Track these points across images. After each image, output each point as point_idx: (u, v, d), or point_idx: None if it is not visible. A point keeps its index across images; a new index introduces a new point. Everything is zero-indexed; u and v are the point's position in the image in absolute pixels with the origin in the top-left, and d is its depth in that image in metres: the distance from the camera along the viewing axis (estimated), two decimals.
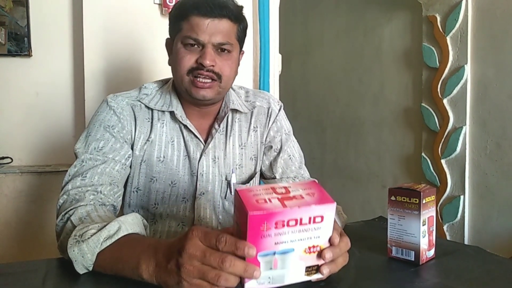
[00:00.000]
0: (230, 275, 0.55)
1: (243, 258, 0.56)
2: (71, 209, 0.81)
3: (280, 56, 2.01)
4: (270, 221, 0.54)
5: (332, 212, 0.58)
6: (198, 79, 0.92)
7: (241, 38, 0.99)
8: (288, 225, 0.56)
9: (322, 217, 0.58)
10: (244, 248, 0.54)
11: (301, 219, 0.56)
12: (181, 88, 0.97)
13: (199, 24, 0.90)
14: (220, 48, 0.93)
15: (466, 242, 2.10)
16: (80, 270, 0.69)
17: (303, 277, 0.62)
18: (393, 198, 0.78)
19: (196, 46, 0.92)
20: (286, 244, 0.57)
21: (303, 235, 0.58)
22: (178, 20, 0.94)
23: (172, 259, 0.58)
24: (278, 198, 0.57)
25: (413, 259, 0.76)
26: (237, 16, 0.95)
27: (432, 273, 0.74)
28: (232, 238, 0.55)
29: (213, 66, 0.92)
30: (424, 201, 0.75)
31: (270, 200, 0.56)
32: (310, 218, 0.57)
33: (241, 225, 0.56)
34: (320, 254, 0.61)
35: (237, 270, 0.55)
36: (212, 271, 0.55)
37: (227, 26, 0.93)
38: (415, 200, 0.75)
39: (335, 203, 0.58)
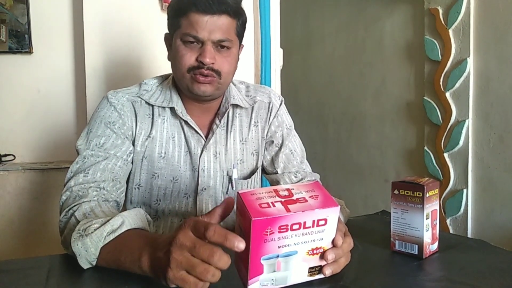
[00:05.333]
0: (216, 270, 0.54)
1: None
2: (74, 205, 0.82)
3: (281, 50, 2.00)
4: (273, 226, 0.54)
5: (335, 215, 0.58)
6: (199, 76, 0.92)
7: (240, 33, 0.98)
8: (291, 229, 0.55)
9: (325, 220, 0.58)
10: (233, 240, 0.53)
11: (304, 223, 0.56)
12: (181, 85, 0.96)
13: (198, 21, 0.89)
14: (220, 45, 0.92)
15: (469, 236, 2.09)
16: (84, 264, 0.69)
17: (306, 278, 0.62)
18: (396, 192, 0.77)
19: (195, 43, 0.91)
20: (289, 247, 0.57)
21: (307, 238, 0.58)
22: (176, 16, 0.93)
23: (164, 249, 0.58)
24: (281, 202, 0.56)
25: (416, 252, 0.76)
26: (236, 11, 0.93)
27: (436, 267, 0.74)
28: (221, 229, 0.54)
29: (213, 63, 0.91)
30: (427, 195, 0.75)
31: (273, 204, 0.56)
32: (313, 222, 0.57)
33: (244, 229, 0.56)
34: (323, 255, 0.61)
35: (224, 264, 0.54)
36: (201, 265, 0.54)
37: (226, 22, 0.92)
38: (419, 194, 0.75)
39: (339, 206, 0.58)
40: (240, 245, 0.53)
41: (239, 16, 0.95)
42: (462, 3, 2.05)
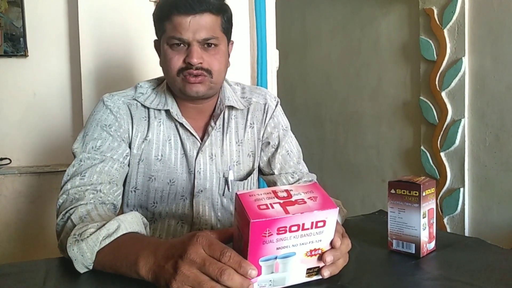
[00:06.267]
0: None
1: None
2: (71, 208, 0.81)
3: (277, 51, 2.00)
4: (272, 227, 0.54)
5: (334, 217, 0.58)
6: (189, 76, 0.92)
7: (226, 30, 0.97)
8: (290, 230, 0.55)
9: (324, 222, 0.57)
10: (247, 268, 0.54)
11: (303, 225, 0.56)
12: (174, 88, 0.96)
13: (181, 23, 0.89)
14: (206, 43, 0.92)
15: (466, 234, 2.10)
16: (80, 269, 0.69)
17: (304, 279, 0.62)
18: (393, 191, 0.78)
19: (181, 45, 0.91)
20: (287, 249, 0.57)
21: (305, 240, 0.58)
22: (160, 21, 0.93)
23: (171, 260, 0.58)
24: (280, 203, 0.56)
25: (413, 251, 0.76)
26: (218, 8, 0.93)
27: (433, 266, 0.74)
28: (237, 256, 0.55)
29: (201, 63, 0.91)
30: (424, 194, 0.75)
31: (272, 206, 0.55)
32: (312, 223, 0.57)
33: (243, 231, 0.56)
34: (321, 257, 0.61)
35: (234, 284, 0.54)
36: (209, 283, 0.54)
37: (209, 20, 0.91)
38: (415, 193, 0.75)
39: (337, 208, 0.58)
40: (252, 273, 0.55)
41: (223, 12, 0.95)
42: (457, 3, 2.06)
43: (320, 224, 0.57)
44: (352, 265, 0.69)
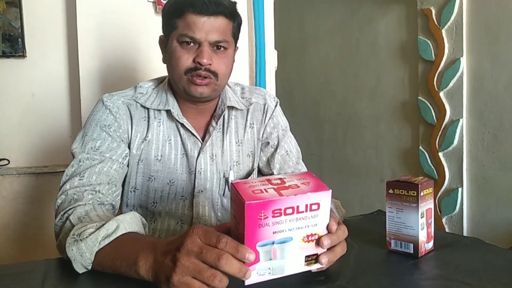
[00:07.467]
0: (224, 276, 0.55)
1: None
2: (69, 209, 0.81)
3: (275, 52, 2.00)
4: (267, 209, 0.55)
5: (328, 199, 0.60)
6: (196, 78, 0.92)
7: (236, 35, 0.99)
8: (285, 213, 0.57)
9: (318, 205, 0.59)
10: (244, 252, 0.54)
11: (297, 207, 0.57)
12: (178, 86, 0.96)
13: (196, 22, 0.90)
14: (216, 46, 0.93)
15: (464, 234, 2.10)
16: (79, 269, 0.69)
17: (303, 267, 0.62)
18: (391, 191, 0.78)
19: (192, 44, 0.92)
20: (284, 233, 0.58)
21: (301, 223, 0.59)
22: (173, 17, 0.93)
23: (169, 254, 0.58)
24: (274, 188, 0.58)
25: (412, 251, 0.76)
26: (232, 13, 0.94)
27: (431, 265, 0.74)
28: (233, 241, 0.55)
29: (210, 64, 0.91)
30: (422, 194, 0.75)
31: (266, 190, 0.57)
32: (306, 206, 0.58)
33: (239, 217, 0.57)
34: (318, 242, 0.61)
35: (232, 269, 0.54)
36: (208, 270, 0.54)
37: (223, 23, 0.92)
38: (413, 193, 0.75)
39: (330, 190, 0.59)
40: (250, 256, 0.54)
41: (234, 18, 0.96)
42: (455, 3, 2.07)
43: (315, 207, 0.59)
44: (351, 265, 0.69)
